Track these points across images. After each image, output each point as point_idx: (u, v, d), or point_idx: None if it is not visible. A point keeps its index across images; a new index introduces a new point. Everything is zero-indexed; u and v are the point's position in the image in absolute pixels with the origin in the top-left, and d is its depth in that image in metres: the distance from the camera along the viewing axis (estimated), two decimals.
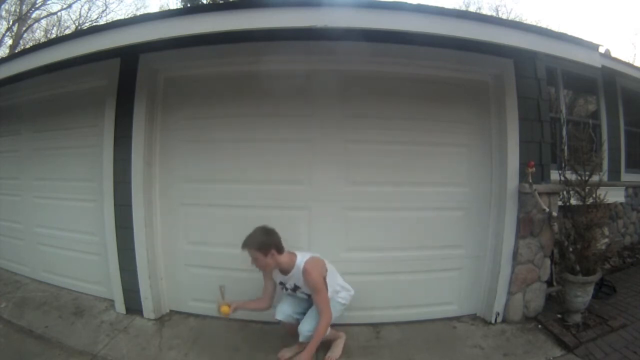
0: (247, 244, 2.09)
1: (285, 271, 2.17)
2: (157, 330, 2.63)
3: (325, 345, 2.43)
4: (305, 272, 2.09)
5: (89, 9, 17.84)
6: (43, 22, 14.22)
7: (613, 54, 4.35)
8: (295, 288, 2.20)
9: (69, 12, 20.27)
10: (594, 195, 2.71)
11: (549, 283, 2.89)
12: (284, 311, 2.28)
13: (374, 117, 2.65)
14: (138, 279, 2.76)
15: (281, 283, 2.25)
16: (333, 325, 2.47)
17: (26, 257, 3.53)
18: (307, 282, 2.09)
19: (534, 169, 2.57)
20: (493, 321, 2.71)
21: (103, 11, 15.09)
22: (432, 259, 2.76)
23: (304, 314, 2.26)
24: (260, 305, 2.31)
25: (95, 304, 2.98)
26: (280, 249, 2.13)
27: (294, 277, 2.16)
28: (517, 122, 2.67)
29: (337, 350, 2.35)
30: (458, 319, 2.80)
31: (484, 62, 2.65)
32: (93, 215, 2.97)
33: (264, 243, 2.08)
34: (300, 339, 2.20)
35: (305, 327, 2.16)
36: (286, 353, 2.35)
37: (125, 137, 2.72)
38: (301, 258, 2.15)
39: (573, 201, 2.80)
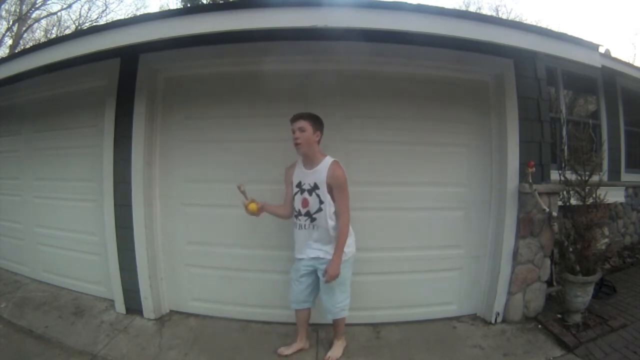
0: (301, 115, 2.12)
1: (311, 164, 2.15)
2: (157, 330, 2.64)
3: (326, 345, 2.43)
4: (333, 167, 2.10)
5: (89, 9, 17.95)
6: (43, 22, 14.25)
7: (613, 54, 4.35)
8: (313, 189, 2.13)
9: (69, 12, 20.35)
10: (594, 195, 2.71)
11: (549, 283, 2.89)
12: (296, 299, 2.31)
13: (374, 117, 2.65)
14: (138, 279, 2.76)
15: (298, 185, 2.19)
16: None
17: (26, 257, 3.53)
18: (334, 176, 2.08)
19: (534, 169, 2.57)
20: (493, 321, 2.71)
21: (103, 11, 15.13)
22: (432, 259, 2.76)
23: (311, 299, 2.32)
24: (282, 212, 2.31)
25: (95, 304, 2.98)
26: (320, 139, 2.17)
27: (317, 173, 2.12)
28: (517, 122, 2.67)
29: (337, 350, 2.35)
30: (458, 319, 2.80)
31: (484, 62, 2.65)
32: (93, 215, 2.97)
33: (317, 120, 2.14)
34: (330, 317, 2.28)
35: (329, 304, 2.23)
36: (285, 350, 2.36)
37: (125, 137, 2.72)
38: (329, 158, 2.16)
39: (573, 201, 2.80)
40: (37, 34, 13.98)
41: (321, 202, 2.12)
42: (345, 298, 2.25)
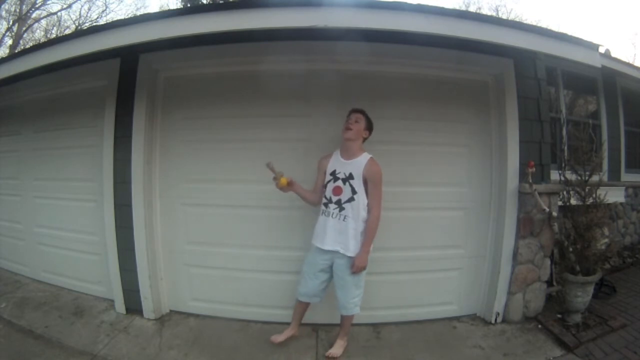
0: (361, 110, 2.29)
1: (350, 155, 2.25)
2: (157, 330, 2.64)
3: (326, 345, 2.43)
4: (371, 162, 2.21)
5: (89, 9, 17.88)
6: (43, 22, 14.24)
7: (613, 54, 4.35)
8: (348, 178, 2.21)
9: (69, 12, 20.30)
10: (594, 195, 2.71)
11: (549, 283, 2.89)
12: (307, 293, 2.34)
13: (374, 117, 2.62)
14: (138, 279, 2.76)
15: (332, 174, 2.26)
16: (335, 325, 2.49)
17: (26, 257, 3.53)
18: (372, 171, 2.19)
19: (534, 169, 2.57)
20: (493, 321, 2.71)
21: (103, 11, 15.10)
22: (432, 259, 2.76)
23: (323, 294, 2.36)
24: (310, 196, 2.36)
25: (95, 304, 2.98)
26: (365, 140, 2.32)
27: (355, 164, 2.22)
28: (517, 122, 2.67)
29: (339, 349, 2.36)
30: (458, 319, 2.80)
31: (484, 62, 2.65)
32: (93, 215, 2.97)
33: (371, 123, 2.32)
34: (343, 312, 2.31)
35: (344, 299, 2.26)
36: (278, 337, 2.40)
37: (125, 137, 2.72)
38: (367, 154, 2.27)
39: (573, 201, 2.80)
40: (37, 34, 13.99)
41: (354, 192, 2.19)
42: (360, 293, 2.30)
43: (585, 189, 2.72)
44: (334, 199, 2.23)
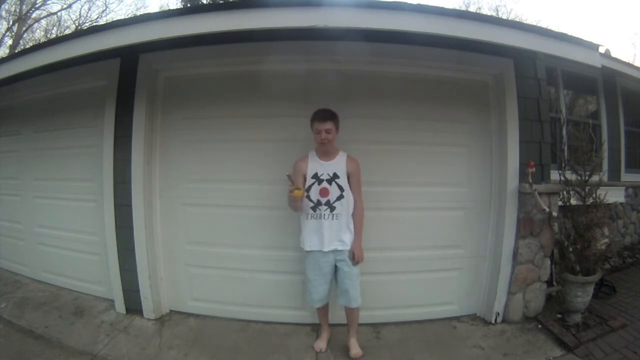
0: (327, 116, 2.23)
1: (328, 156, 2.30)
2: (157, 330, 2.64)
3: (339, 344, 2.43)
4: (351, 159, 2.32)
5: (89, 9, 17.94)
6: (43, 22, 14.25)
7: (613, 54, 4.36)
8: (333, 178, 2.26)
9: (69, 12, 20.34)
10: (594, 195, 2.71)
11: (549, 283, 2.89)
12: (321, 298, 2.35)
13: (374, 117, 2.65)
14: (138, 279, 2.76)
15: (314, 177, 2.27)
16: (334, 325, 2.49)
17: (26, 257, 3.53)
18: (355, 166, 2.31)
19: (534, 169, 2.57)
20: (493, 321, 2.71)
21: (103, 11, 15.13)
22: (432, 259, 2.76)
23: (330, 293, 2.38)
24: (298, 202, 2.28)
25: (95, 304, 2.98)
26: None
27: (336, 164, 2.29)
28: (517, 122, 2.67)
29: (357, 347, 2.36)
30: (458, 319, 2.80)
31: (484, 62, 2.65)
32: (93, 215, 2.97)
33: (338, 120, 2.28)
34: (354, 305, 2.33)
35: (354, 291, 2.29)
36: (321, 343, 2.41)
37: (125, 137, 2.72)
38: (343, 151, 2.35)
39: (573, 201, 2.79)
40: (37, 34, 14.00)
41: (342, 189, 2.26)
42: (360, 282, 2.35)
43: (585, 189, 2.72)
44: (323, 200, 2.25)
